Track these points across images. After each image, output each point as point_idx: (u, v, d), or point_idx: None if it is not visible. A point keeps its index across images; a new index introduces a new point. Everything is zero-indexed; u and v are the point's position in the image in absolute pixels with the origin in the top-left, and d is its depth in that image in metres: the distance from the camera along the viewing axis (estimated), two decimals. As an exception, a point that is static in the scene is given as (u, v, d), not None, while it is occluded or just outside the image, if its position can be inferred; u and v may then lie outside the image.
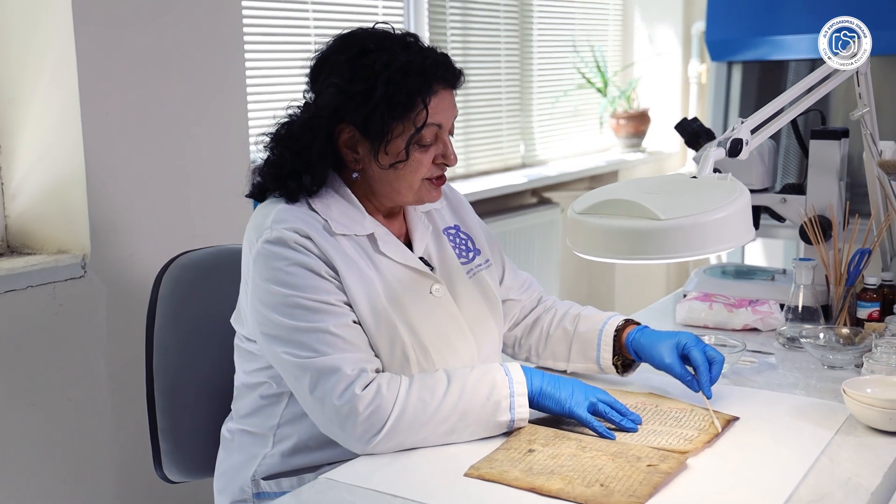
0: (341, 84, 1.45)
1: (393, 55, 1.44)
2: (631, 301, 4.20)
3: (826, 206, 2.07)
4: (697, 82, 4.55)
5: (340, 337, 1.40)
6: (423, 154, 1.48)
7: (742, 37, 3.67)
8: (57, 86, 2.07)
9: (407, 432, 1.38)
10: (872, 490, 1.28)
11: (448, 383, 1.41)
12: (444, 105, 1.48)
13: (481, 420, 1.41)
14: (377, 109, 1.43)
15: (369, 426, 1.36)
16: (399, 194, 1.52)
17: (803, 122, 2.11)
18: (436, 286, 1.54)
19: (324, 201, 1.50)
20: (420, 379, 1.42)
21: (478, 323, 1.60)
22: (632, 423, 1.45)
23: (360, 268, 1.47)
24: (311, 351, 1.39)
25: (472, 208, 1.75)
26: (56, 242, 2.14)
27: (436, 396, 1.39)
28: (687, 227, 1.29)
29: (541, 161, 4.03)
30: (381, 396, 1.37)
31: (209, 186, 2.31)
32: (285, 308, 1.41)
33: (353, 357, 1.40)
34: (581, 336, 1.69)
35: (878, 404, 1.45)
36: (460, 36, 3.54)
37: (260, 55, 2.75)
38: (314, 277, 1.42)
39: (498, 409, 1.42)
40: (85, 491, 2.15)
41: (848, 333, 1.84)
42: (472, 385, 1.42)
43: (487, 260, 1.68)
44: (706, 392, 1.53)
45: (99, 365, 2.14)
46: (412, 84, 1.43)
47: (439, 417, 1.39)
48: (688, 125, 2.08)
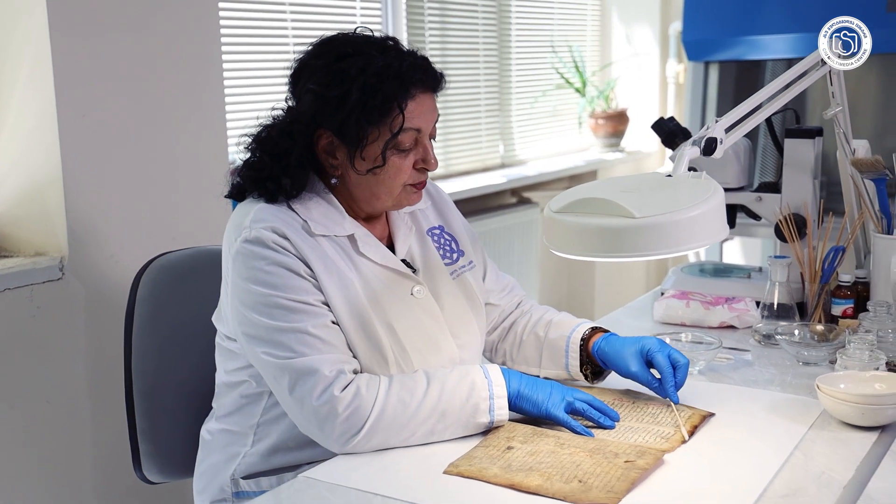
0: (318, 90, 1.45)
1: (369, 59, 1.43)
2: (611, 300, 4.23)
3: (801, 205, 2.09)
4: (675, 82, 4.57)
5: (318, 338, 1.41)
6: (403, 159, 1.48)
7: (719, 37, 3.70)
8: (33, 88, 2.06)
9: (386, 433, 1.38)
10: (845, 483, 1.30)
11: (427, 384, 1.42)
12: (422, 109, 1.47)
13: (460, 421, 1.42)
14: (352, 114, 1.43)
15: (348, 427, 1.37)
16: (379, 199, 1.51)
17: (779, 121, 2.13)
18: (417, 287, 1.55)
19: (304, 203, 1.50)
20: (399, 380, 1.42)
21: (460, 325, 1.60)
22: (610, 421, 1.46)
23: (338, 268, 1.47)
24: (290, 351, 1.39)
25: (456, 208, 1.75)
26: (33, 245, 2.13)
27: (415, 397, 1.40)
28: (661, 224, 1.30)
29: (520, 161, 4.04)
30: (361, 397, 1.37)
31: (188, 188, 2.31)
32: (264, 308, 1.41)
33: (331, 358, 1.40)
34: (551, 343, 1.68)
35: (851, 399, 1.47)
36: (438, 36, 3.55)
37: (238, 56, 2.75)
38: (293, 277, 1.42)
39: (477, 410, 1.43)
40: (64, 492, 2.14)
41: (822, 330, 1.86)
42: (451, 386, 1.42)
43: (471, 261, 1.68)
44: (672, 398, 1.53)
45: (77, 367, 2.13)
46: (388, 88, 1.42)
47: (419, 418, 1.40)
48: (664, 124, 2.10)
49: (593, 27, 4.56)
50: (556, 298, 4.17)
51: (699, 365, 1.76)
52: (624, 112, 4.35)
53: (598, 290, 4.30)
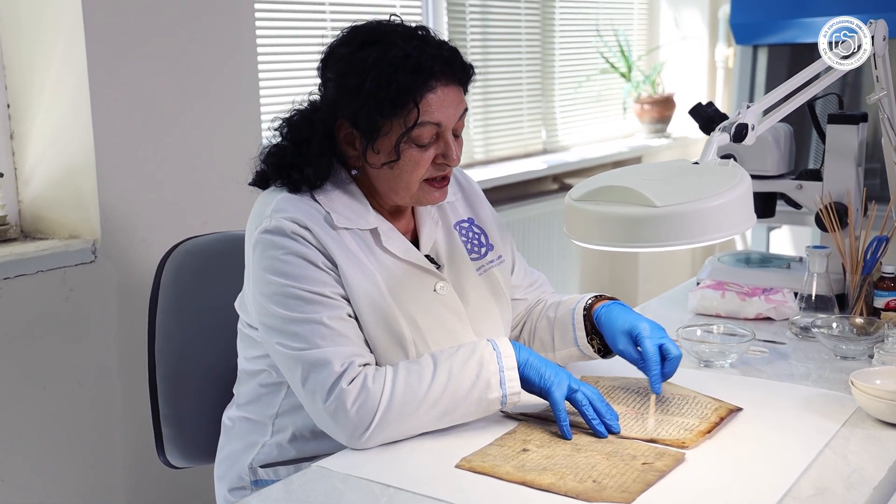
0: (337, 78, 1.43)
1: (387, 49, 1.40)
2: (655, 288, 4.15)
3: (843, 193, 2.02)
4: (724, 66, 4.48)
5: (333, 329, 1.38)
6: (421, 153, 1.44)
7: (767, 20, 3.60)
8: (67, 72, 2.07)
9: (398, 422, 1.36)
10: (875, 484, 1.25)
11: (435, 366, 1.39)
12: (443, 103, 1.42)
13: (472, 399, 1.38)
14: (365, 106, 1.40)
15: (359, 421, 1.34)
16: (397, 194, 1.48)
17: (829, 106, 2.07)
18: (440, 284, 1.52)
19: (328, 194, 1.47)
20: (405, 366, 1.40)
21: (484, 321, 1.57)
22: (602, 428, 1.39)
23: (360, 261, 1.45)
24: (304, 342, 1.38)
25: (486, 199, 1.71)
26: (67, 227, 2.15)
27: (424, 381, 1.37)
28: (683, 214, 1.26)
29: (563, 147, 3.99)
30: (367, 389, 1.35)
31: (220, 173, 2.31)
32: (281, 298, 1.40)
33: (343, 350, 1.38)
34: (560, 321, 1.63)
35: (887, 396, 1.41)
36: (480, 20, 3.51)
37: (275, 41, 2.74)
38: (310, 268, 1.41)
39: (489, 386, 1.39)
40: (95, 474, 2.16)
41: (862, 323, 1.80)
42: (459, 364, 1.39)
43: (500, 256, 1.65)
44: (654, 388, 1.46)
45: (109, 350, 2.15)
46: (402, 80, 1.38)
47: (429, 401, 1.37)
48: (702, 110, 2.03)
49: (640, 10, 4.48)
50: (597, 287, 4.11)
51: (731, 358, 1.71)
52: (670, 97, 4.27)
53: (641, 278, 4.24)
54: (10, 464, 2.02)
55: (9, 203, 2.17)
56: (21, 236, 2.19)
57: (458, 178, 1.68)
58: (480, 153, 3.56)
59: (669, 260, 4.41)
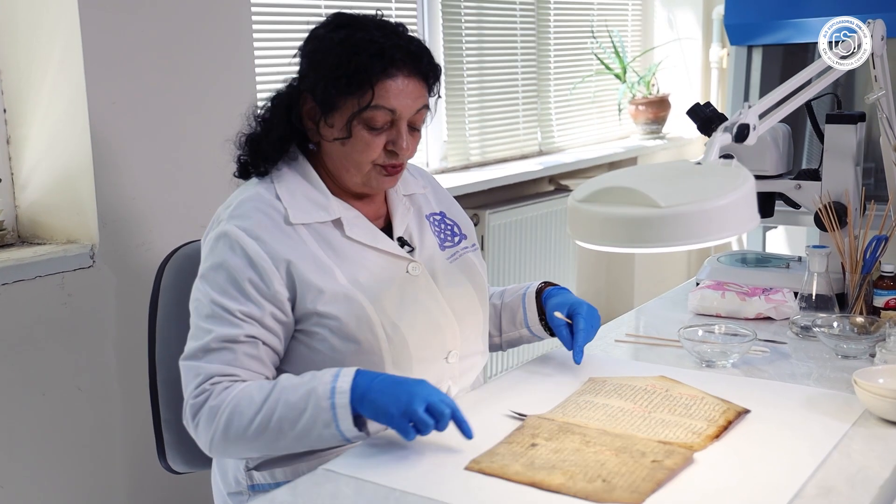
0: (307, 54, 1.50)
1: (356, 32, 1.46)
2: (651, 289, 4.15)
3: (842, 193, 2.02)
4: (718, 67, 4.48)
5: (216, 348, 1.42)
6: (372, 136, 1.48)
7: (762, 20, 3.60)
8: (64, 76, 2.07)
9: (233, 445, 1.40)
10: (881, 483, 1.25)
11: (270, 392, 1.38)
12: (401, 92, 1.46)
13: (305, 432, 1.35)
14: (323, 79, 1.45)
15: (205, 439, 1.42)
16: (348, 172, 1.52)
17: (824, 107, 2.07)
18: (412, 264, 1.54)
19: (289, 187, 1.51)
20: (247, 388, 1.40)
21: (461, 303, 1.59)
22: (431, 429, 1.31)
23: (317, 258, 1.47)
24: (190, 351, 1.44)
25: (457, 203, 1.76)
26: (65, 232, 2.14)
27: (253, 405, 1.37)
28: (688, 214, 1.26)
29: (558, 148, 3.99)
30: (209, 408, 1.40)
31: (218, 175, 2.28)
32: (196, 303, 1.47)
33: (211, 368, 1.41)
34: (507, 305, 1.74)
35: (890, 395, 1.41)
36: (475, 23, 3.50)
37: (271, 44, 2.73)
38: (231, 283, 1.43)
39: (317, 420, 1.35)
40: (95, 480, 2.15)
41: (863, 322, 1.80)
42: (290, 397, 1.36)
43: (474, 244, 1.69)
44: (576, 357, 1.60)
45: (108, 354, 2.14)
46: (362, 62, 1.43)
47: (251, 433, 1.37)
48: (700, 110, 2.03)
49: (634, 12, 4.48)
50: (594, 288, 4.11)
51: (732, 358, 1.71)
52: (665, 98, 4.27)
53: (637, 279, 4.24)
54: (10, 470, 2.01)
55: (6, 208, 2.16)
56: (18, 241, 2.18)
57: (429, 180, 1.73)
58: (477, 155, 3.56)
59: (666, 261, 4.41)
